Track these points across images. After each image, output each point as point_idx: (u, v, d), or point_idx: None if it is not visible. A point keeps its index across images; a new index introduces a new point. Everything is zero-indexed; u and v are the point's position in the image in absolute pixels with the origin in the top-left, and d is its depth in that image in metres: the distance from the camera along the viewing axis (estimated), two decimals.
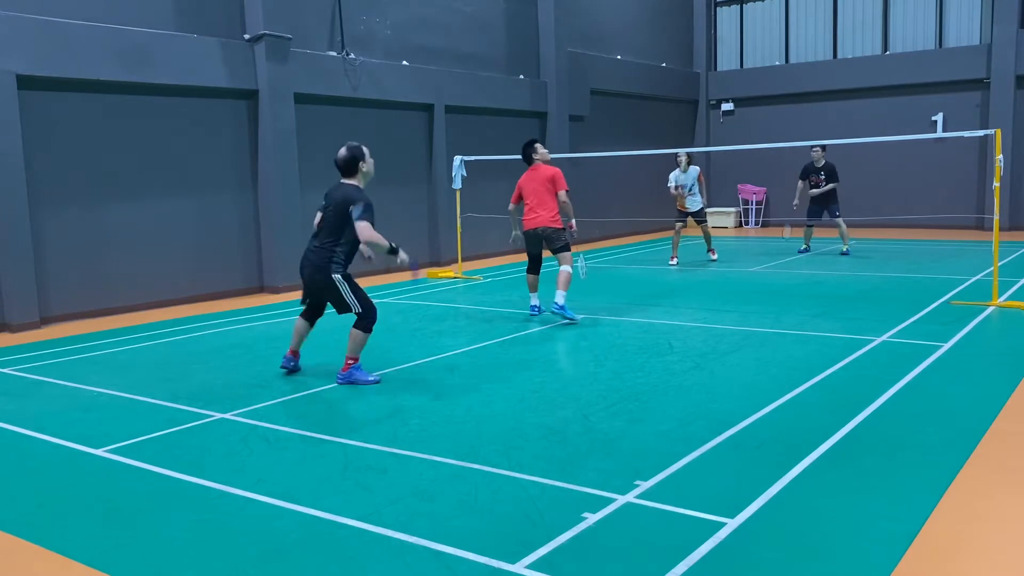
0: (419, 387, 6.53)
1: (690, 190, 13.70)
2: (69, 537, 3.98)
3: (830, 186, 14.19)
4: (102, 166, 10.51)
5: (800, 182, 14.57)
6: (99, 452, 5.17)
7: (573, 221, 9.19)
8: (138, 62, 10.59)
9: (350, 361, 6.61)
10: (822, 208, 14.39)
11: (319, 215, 6.67)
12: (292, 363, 6.99)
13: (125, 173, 10.75)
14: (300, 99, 12.46)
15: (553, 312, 8.84)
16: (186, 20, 11.36)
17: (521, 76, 16.82)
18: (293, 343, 7.01)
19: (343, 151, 6.62)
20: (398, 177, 14.19)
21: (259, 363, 7.54)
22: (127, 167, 10.76)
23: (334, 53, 13.16)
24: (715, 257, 14.24)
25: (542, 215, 8.95)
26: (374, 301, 6.69)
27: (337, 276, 6.49)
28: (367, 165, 6.65)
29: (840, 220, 14.33)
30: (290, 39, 12.14)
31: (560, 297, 8.78)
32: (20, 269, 9.58)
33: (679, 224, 14.21)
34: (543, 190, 8.96)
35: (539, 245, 9.19)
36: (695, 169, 13.79)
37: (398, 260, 6.49)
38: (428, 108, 14.76)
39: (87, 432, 5.57)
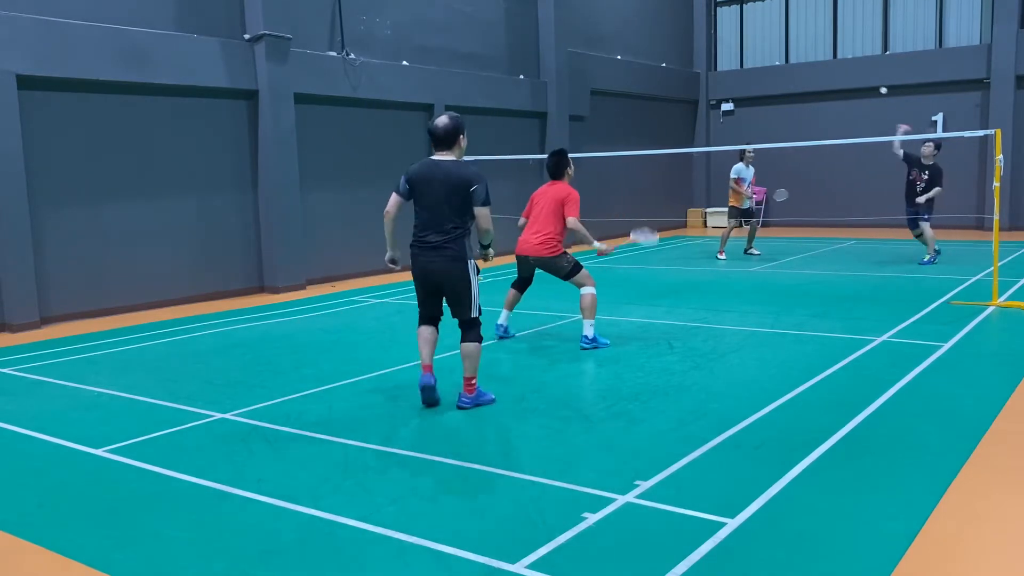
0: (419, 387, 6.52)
1: (749, 185, 14.23)
2: (69, 537, 3.98)
3: (934, 191, 12.63)
4: (102, 166, 10.51)
5: (909, 168, 12.99)
6: (99, 452, 5.17)
7: (600, 244, 7.76)
8: (138, 62, 10.59)
9: (474, 381, 5.87)
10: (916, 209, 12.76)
11: (397, 201, 5.98)
12: (431, 381, 5.81)
13: (125, 173, 10.75)
14: (300, 99, 12.45)
15: (584, 348, 7.60)
16: (186, 20, 11.36)
17: (521, 76, 16.82)
18: (424, 356, 5.88)
19: (445, 119, 5.76)
20: (398, 177, 14.11)
21: (259, 363, 7.53)
22: (127, 167, 10.76)
23: (334, 53, 13.16)
24: (758, 253, 14.56)
25: (535, 238, 7.66)
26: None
27: (472, 267, 5.74)
28: (465, 140, 5.84)
29: (927, 225, 12.73)
30: (290, 39, 12.14)
31: (588, 328, 7.63)
32: (20, 269, 9.58)
33: (733, 222, 14.50)
34: (548, 211, 7.65)
35: (530, 270, 7.99)
36: (753, 167, 14.43)
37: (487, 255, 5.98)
38: (428, 108, 14.75)
39: (87, 432, 5.57)
